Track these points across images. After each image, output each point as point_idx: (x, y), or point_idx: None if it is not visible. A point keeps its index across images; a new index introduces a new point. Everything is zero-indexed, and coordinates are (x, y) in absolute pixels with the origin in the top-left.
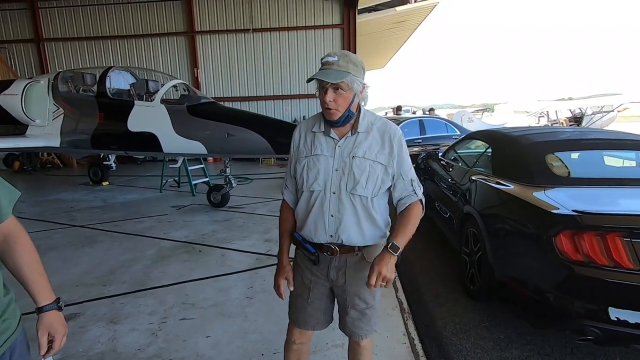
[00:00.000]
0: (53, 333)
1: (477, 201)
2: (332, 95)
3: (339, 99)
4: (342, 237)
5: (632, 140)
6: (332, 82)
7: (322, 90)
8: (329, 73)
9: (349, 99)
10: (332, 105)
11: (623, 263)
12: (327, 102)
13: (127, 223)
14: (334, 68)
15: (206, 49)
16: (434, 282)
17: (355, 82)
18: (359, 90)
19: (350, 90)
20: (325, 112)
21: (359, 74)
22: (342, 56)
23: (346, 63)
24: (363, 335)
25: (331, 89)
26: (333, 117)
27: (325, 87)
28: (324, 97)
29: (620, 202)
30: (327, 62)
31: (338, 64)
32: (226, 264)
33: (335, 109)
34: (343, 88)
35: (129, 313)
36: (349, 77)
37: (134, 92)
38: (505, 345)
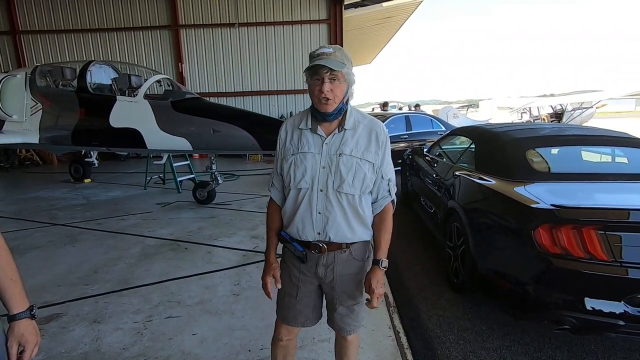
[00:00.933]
0: (24, 343)
1: (461, 196)
2: (329, 85)
3: (336, 89)
4: (330, 234)
5: (608, 137)
6: (333, 70)
7: (317, 81)
8: (330, 61)
9: (344, 90)
10: (329, 95)
11: (598, 255)
12: (325, 92)
13: (110, 221)
14: (331, 58)
15: (191, 43)
16: (419, 276)
17: (349, 74)
18: (352, 83)
19: (345, 82)
20: (320, 102)
21: (351, 68)
22: (337, 49)
23: (342, 55)
24: (351, 330)
25: (328, 79)
26: (329, 109)
27: (323, 77)
28: (320, 86)
29: (596, 196)
30: (323, 53)
31: (335, 55)
32: (212, 261)
33: (332, 100)
34: (339, 79)
35: (113, 312)
36: (345, 68)
37: (116, 87)
38: (487, 336)
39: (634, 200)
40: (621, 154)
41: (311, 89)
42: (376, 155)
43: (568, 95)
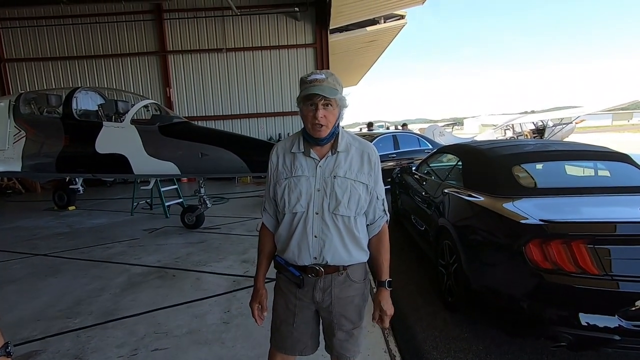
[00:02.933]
0: None
1: (450, 213)
2: (323, 112)
3: (329, 115)
4: (327, 258)
5: (590, 151)
6: (326, 98)
7: (309, 107)
8: (324, 88)
9: (336, 115)
10: (323, 122)
11: (588, 269)
12: (319, 119)
13: (95, 249)
14: (325, 85)
15: (179, 68)
16: (413, 295)
17: (342, 99)
18: (344, 107)
19: (338, 108)
20: (314, 129)
21: (342, 93)
22: (329, 75)
23: (334, 82)
24: (351, 356)
25: (322, 106)
26: (322, 134)
27: (317, 103)
28: (314, 113)
29: (583, 210)
30: (316, 80)
31: (327, 81)
32: (202, 288)
33: (326, 126)
34: (333, 105)
35: (96, 347)
36: (339, 94)
37: (103, 113)
38: (485, 356)
39: (619, 213)
40: (603, 167)
41: (304, 114)
42: (369, 177)
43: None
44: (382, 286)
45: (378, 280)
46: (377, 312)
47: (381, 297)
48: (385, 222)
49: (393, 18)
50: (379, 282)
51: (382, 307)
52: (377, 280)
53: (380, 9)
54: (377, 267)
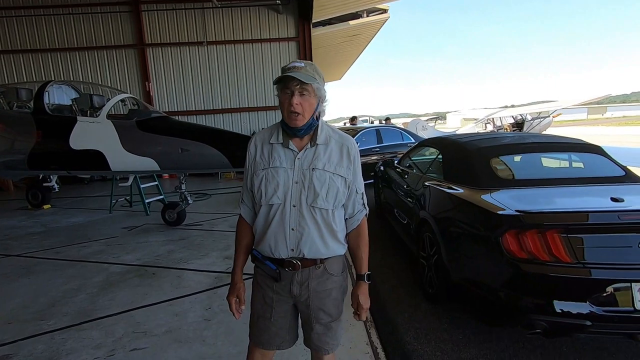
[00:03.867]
0: None
1: (431, 206)
2: (298, 99)
3: (305, 103)
4: (304, 251)
5: (565, 143)
6: (303, 83)
7: (286, 94)
8: (299, 74)
9: (313, 105)
10: (298, 109)
11: (562, 257)
12: (294, 105)
13: (71, 249)
14: (302, 72)
15: (158, 62)
16: (395, 289)
17: (320, 89)
18: (322, 98)
19: (315, 97)
20: (290, 117)
21: (322, 84)
22: (308, 64)
23: (312, 71)
24: (329, 349)
25: (298, 93)
26: (298, 123)
27: (293, 89)
28: (290, 99)
29: (557, 200)
30: (294, 67)
31: (306, 69)
32: (182, 286)
33: (302, 114)
34: (310, 92)
35: (71, 349)
36: (316, 83)
37: (77, 108)
38: (464, 346)
39: (591, 203)
40: (577, 159)
41: (281, 101)
42: (348, 170)
43: (527, 105)
44: (361, 280)
45: (357, 273)
46: (355, 305)
47: (359, 290)
48: (364, 216)
49: (375, 12)
50: (358, 276)
51: (359, 301)
52: (355, 274)
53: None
54: (356, 260)
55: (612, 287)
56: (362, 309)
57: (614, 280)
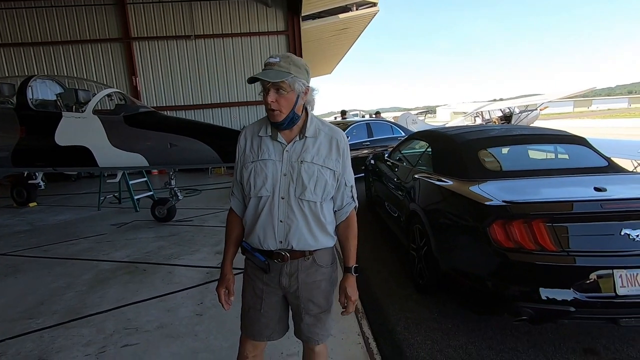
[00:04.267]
0: None
1: (421, 198)
2: (274, 96)
3: (281, 99)
4: (292, 243)
5: (550, 135)
6: (272, 82)
7: (264, 91)
8: (268, 73)
9: (292, 100)
10: (274, 106)
11: (547, 246)
12: (270, 103)
13: (59, 247)
14: (274, 68)
15: (145, 56)
16: (386, 280)
17: (296, 82)
18: (301, 91)
19: (293, 92)
20: (269, 113)
21: (302, 76)
22: (283, 57)
23: (288, 64)
24: (319, 340)
25: (272, 90)
26: (277, 119)
27: (267, 87)
28: (265, 97)
29: (543, 190)
30: (268, 63)
31: (279, 64)
32: (174, 282)
33: (278, 110)
34: (284, 88)
35: (61, 346)
36: (290, 77)
37: (62, 103)
38: (454, 334)
39: (575, 193)
40: (562, 150)
41: (263, 98)
42: (337, 163)
43: (515, 99)
44: (349, 272)
45: (345, 266)
46: (343, 298)
47: (347, 283)
48: (353, 209)
49: (365, 5)
50: (346, 268)
51: (347, 293)
52: (344, 266)
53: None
54: (345, 253)
55: (595, 274)
56: (350, 301)
57: (596, 267)
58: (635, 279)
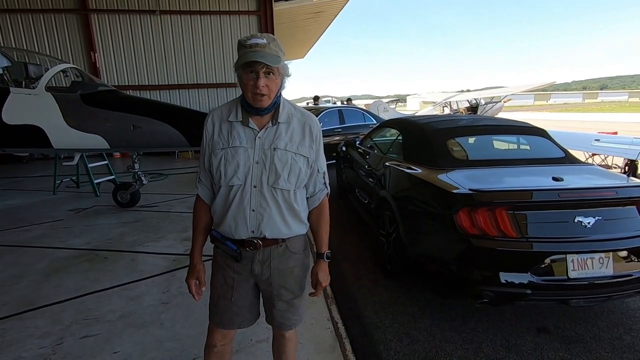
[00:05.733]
0: None
1: (391, 185)
2: (265, 81)
3: (272, 84)
4: (265, 232)
5: (514, 126)
6: (269, 66)
7: (249, 75)
8: (265, 55)
9: (278, 84)
10: (264, 91)
11: (508, 233)
12: (260, 88)
13: (9, 233)
14: (266, 51)
15: (105, 30)
16: (355, 265)
17: (285, 67)
18: (286, 76)
19: (280, 76)
20: (254, 98)
21: (284, 59)
22: (271, 40)
23: (276, 48)
24: (292, 325)
25: (263, 74)
26: (264, 104)
27: (257, 70)
28: (255, 81)
29: (506, 179)
30: (256, 44)
31: (270, 47)
32: (137, 270)
33: (268, 95)
34: (275, 73)
35: (13, 340)
36: (282, 62)
37: (9, 78)
38: (419, 317)
39: (535, 182)
40: (524, 141)
41: (244, 82)
42: (310, 149)
43: (481, 90)
44: (321, 258)
45: (317, 252)
46: (314, 283)
47: (319, 268)
48: (325, 196)
49: None
50: (318, 255)
51: (319, 279)
52: (316, 253)
53: None
54: (317, 239)
55: (550, 259)
56: (321, 286)
57: (551, 252)
58: (585, 263)
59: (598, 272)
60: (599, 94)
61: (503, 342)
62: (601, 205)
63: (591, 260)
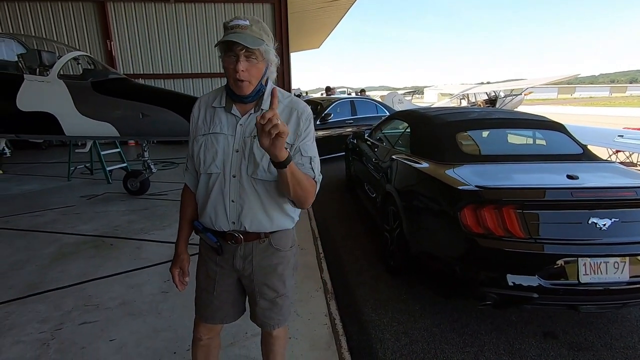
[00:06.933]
0: None
1: (397, 180)
2: (245, 64)
3: (252, 69)
4: (245, 224)
5: (528, 120)
6: (249, 48)
7: (230, 58)
8: (245, 37)
9: (261, 70)
10: (244, 76)
11: (515, 233)
12: (239, 72)
13: (22, 218)
14: (247, 33)
15: (120, 19)
16: (359, 260)
17: (269, 52)
18: (272, 61)
19: (264, 61)
20: (235, 84)
21: (271, 45)
22: (254, 22)
23: (259, 30)
24: (274, 325)
25: (243, 57)
26: (244, 91)
27: (237, 53)
28: (235, 65)
29: (517, 176)
30: (237, 25)
31: (251, 29)
32: (141, 257)
33: (248, 81)
34: (257, 57)
35: (14, 323)
36: (264, 45)
37: (24, 65)
38: (419, 316)
39: (548, 180)
40: (540, 136)
41: (225, 66)
42: (295, 135)
43: (501, 83)
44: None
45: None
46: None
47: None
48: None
49: None
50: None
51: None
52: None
53: None
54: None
55: (561, 262)
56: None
57: (562, 255)
58: (598, 268)
59: (612, 277)
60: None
61: (506, 346)
62: (619, 207)
63: (605, 265)
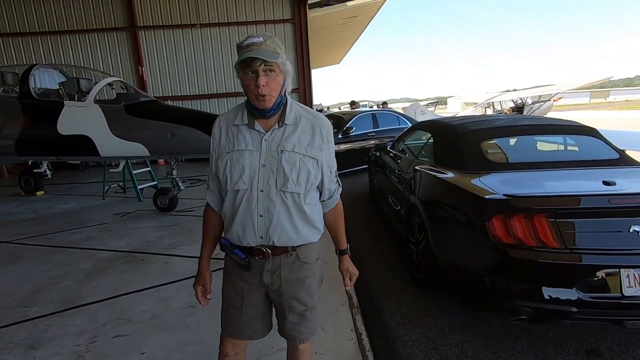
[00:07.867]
0: None
1: (421, 190)
2: (265, 79)
3: (272, 82)
4: (274, 238)
5: (558, 125)
6: (267, 62)
7: (249, 75)
8: (261, 52)
9: (280, 82)
10: (265, 91)
11: (549, 243)
12: (261, 87)
13: (61, 235)
14: (263, 48)
15: (150, 45)
16: (383, 273)
17: (285, 64)
18: (289, 72)
19: (282, 73)
20: (257, 99)
21: (285, 57)
22: (267, 37)
23: (273, 44)
24: (304, 339)
25: (263, 73)
26: (267, 105)
27: (256, 69)
28: (255, 81)
29: (548, 184)
30: (252, 43)
31: (266, 44)
32: (170, 272)
33: (270, 95)
34: (275, 70)
35: (52, 335)
36: (280, 58)
37: (64, 92)
38: (450, 331)
39: (583, 186)
40: (572, 142)
41: (245, 84)
42: (319, 151)
43: (528, 89)
44: (344, 254)
45: (339, 250)
46: (347, 279)
47: (347, 263)
48: (339, 195)
49: None
50: (340, 252)
51: (350, 272)
52: (338, 251)
53: None
54: (337, 238)
55: (600, 273)
56: (354, 276)
57: (602, 266)
58: None
59: None
60: None
61: None
62: None
63: None
